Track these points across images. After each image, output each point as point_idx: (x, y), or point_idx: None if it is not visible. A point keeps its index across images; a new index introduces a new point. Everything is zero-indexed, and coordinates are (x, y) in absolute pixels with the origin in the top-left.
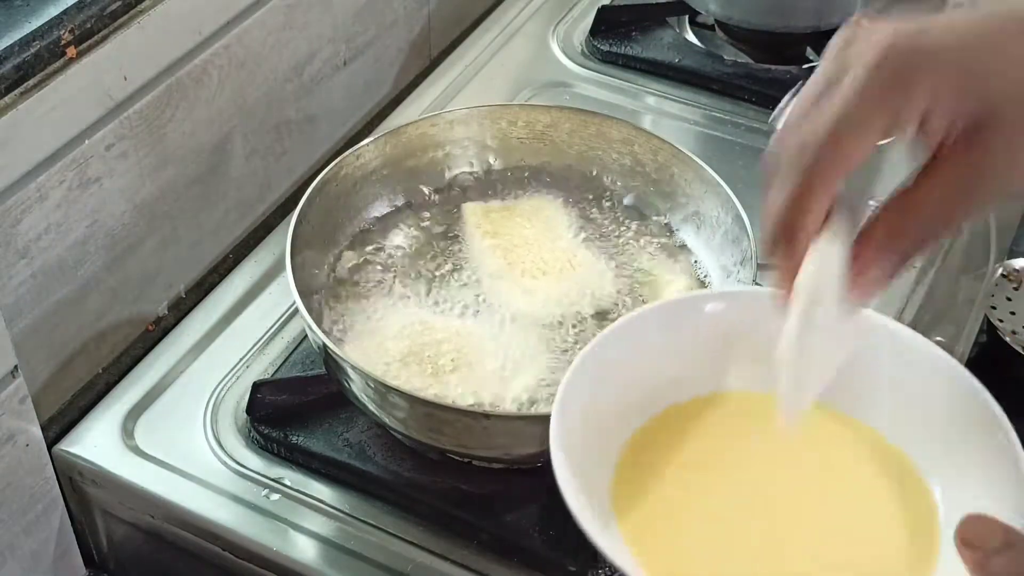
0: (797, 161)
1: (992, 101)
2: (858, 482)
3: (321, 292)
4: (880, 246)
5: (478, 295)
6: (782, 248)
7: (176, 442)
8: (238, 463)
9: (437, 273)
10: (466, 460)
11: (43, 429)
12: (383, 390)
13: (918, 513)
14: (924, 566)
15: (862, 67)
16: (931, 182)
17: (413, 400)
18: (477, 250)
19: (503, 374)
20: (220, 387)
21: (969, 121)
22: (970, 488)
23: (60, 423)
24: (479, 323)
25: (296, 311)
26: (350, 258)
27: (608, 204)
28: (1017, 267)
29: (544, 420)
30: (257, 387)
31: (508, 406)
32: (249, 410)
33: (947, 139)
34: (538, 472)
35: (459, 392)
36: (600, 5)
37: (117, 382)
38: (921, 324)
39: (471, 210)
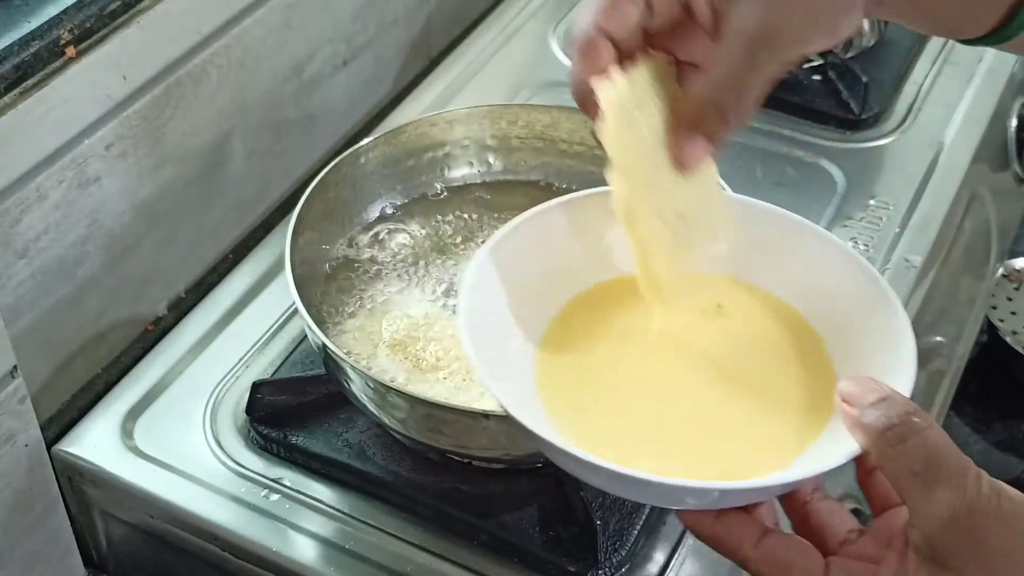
0: (585, 27)
1: None
2: (765, 352)
3: (321, 292)
4: (692, 125)
5: None
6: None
7: (175, 442)
8: (237, 463)
9: (436, 272)
10: (466, 460)
11: (42, 429)
12: (383, 390)
13: (819, 386)
14: (815, 429)
15: None
16: (715, 57)
17: (413, 400)
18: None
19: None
20: (219, 387)
21: None
22: (866, 367)
23: (59, 423)
24: None
25: (296, 311)
26: (350, 258)
27: None
28: (1018, 267)
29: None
30: (256, 387)
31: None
32: (248, 410)
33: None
34: (538, 473)
35: (434, 392)
36: None
37: (116, 382)
38: (922, 324)
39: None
